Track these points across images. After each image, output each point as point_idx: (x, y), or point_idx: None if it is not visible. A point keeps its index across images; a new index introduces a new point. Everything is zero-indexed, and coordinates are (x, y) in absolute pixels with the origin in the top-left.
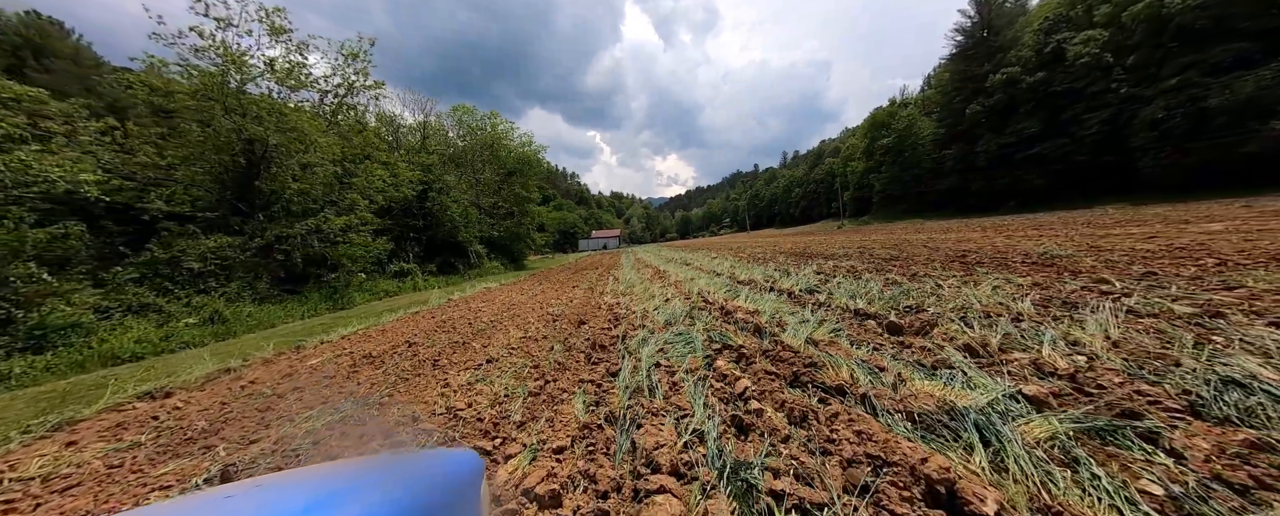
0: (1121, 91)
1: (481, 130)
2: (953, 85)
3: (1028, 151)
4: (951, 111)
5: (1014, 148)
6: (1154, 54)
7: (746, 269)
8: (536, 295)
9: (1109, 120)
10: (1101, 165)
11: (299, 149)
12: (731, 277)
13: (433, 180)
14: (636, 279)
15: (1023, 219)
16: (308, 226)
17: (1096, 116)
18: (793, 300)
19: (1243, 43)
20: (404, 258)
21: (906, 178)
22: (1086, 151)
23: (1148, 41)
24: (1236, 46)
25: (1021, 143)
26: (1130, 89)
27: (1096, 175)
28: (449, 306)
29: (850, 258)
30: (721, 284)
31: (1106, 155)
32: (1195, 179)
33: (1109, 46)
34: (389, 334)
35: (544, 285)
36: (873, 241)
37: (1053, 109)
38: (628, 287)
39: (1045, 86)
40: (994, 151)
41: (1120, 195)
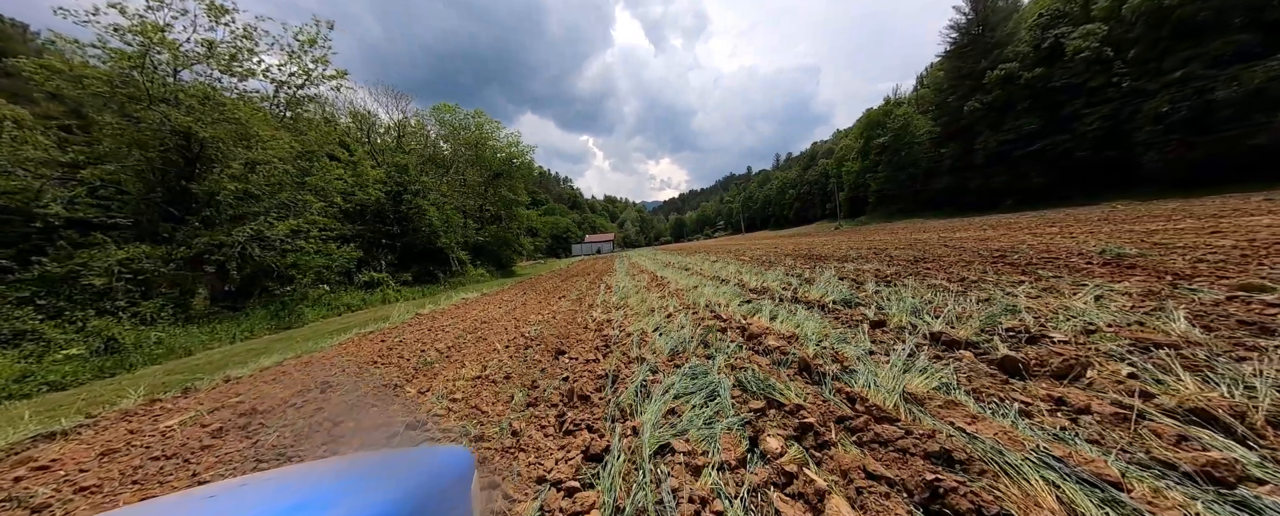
0: (1124, 85)
1: (465, 130)
2: (948, 83)
3: (1027, 148)
4: (947, 109)
5: (1012, 144)
6: (1155, 47)
7: (756, 274)
8: (515, 308)
9: (1111, 115)
10: (1103, 161)
11: (241, 144)
12: (741, 285)
13: (408, 181)
14: (631, 287)
15: (1029, 216)
16: (247, 232)
17: (1098, 111)
18: (832, 317)
19: (1244, 35)
20: (375, 266)
21: (902, 177)
22: (1088, 147)
23: (1148, 35)
24: (1237, 39)
25: (1020, 139)
26: (1133, 83)
27: (1097, 171)
28: (409, 325)
29: (866, 259)
30: (731, 293)
31: (1109, 150)
32: (1198, 173)
33: (1109, 40)
34: (314, 367)
35: (528, 296)
36: (880, 241)
37: (1052, 105)
38: (621, 299)
39: (1044, 82)
40: (992, 148)
41: (1122, 191)
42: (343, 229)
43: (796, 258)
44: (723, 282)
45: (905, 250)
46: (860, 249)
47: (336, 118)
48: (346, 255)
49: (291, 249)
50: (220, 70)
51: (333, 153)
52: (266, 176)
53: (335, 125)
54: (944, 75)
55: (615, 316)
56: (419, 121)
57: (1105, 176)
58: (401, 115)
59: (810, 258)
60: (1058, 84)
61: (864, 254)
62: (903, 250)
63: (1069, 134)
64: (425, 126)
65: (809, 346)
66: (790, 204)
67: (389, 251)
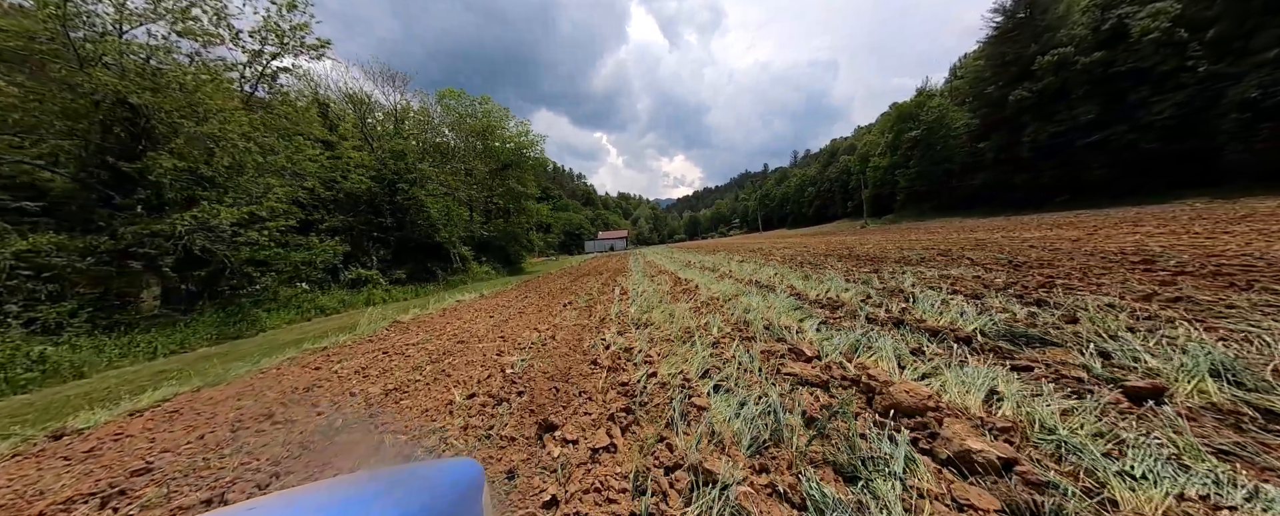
0: (1200, 70)
1: (471, 117)
2: (990, 70)
3: (1084, 140)
4: (987, 100)
5: (1065, 136)
6: (1241, 25)
7: (806, 279)
8: (509, 319)
9: (1185, 102)
10: (1174, 153)
11: (190, 117)
12: (797, 295)
13: (404, 169)
14: (652, 293)
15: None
16: (189, 221)
17: (1168, 99)
18: (1009, 366)
19: None
20: (365, 262)
21: (936, 173)
22: (1155, 138)
23: (1233, 10)
24: None
25: (1075, 130)
26: (1211, 66)
27: (1167, 164)
28: (371, 341)
29: (938, 262)
30: (788, 307)
31: (1182, 142)
32: None
33: (1182, 20)
34: (157, 430)
35: (530, 299)
36: (932, 242)
37: (1113, 92)
38: (642, 312)
39: (1104, 67)
40: (1042, 141)
41: (1198, 187)
42: (333, 220)
43: (842, 258)
44: (767, 290)
45: (978, 251)
46: (915, 250)
47: (329, 99)
48: (330, 249)
49: (245, 242)
50: (177, 33)
51: (312, 133)
52: (229, 155)
53: (320, 104)
54: (984, 63)
55: (637, 341)
56: (424, 107)
57: (1176, 170)
58: (401, 99)
59: (858, 259)
60: (1121, 68)
61: (929, 256)
62: (976, 251)
63: (1133, 124)
64: (430, 113)
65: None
66: (809, 202)
67: (381, 246)
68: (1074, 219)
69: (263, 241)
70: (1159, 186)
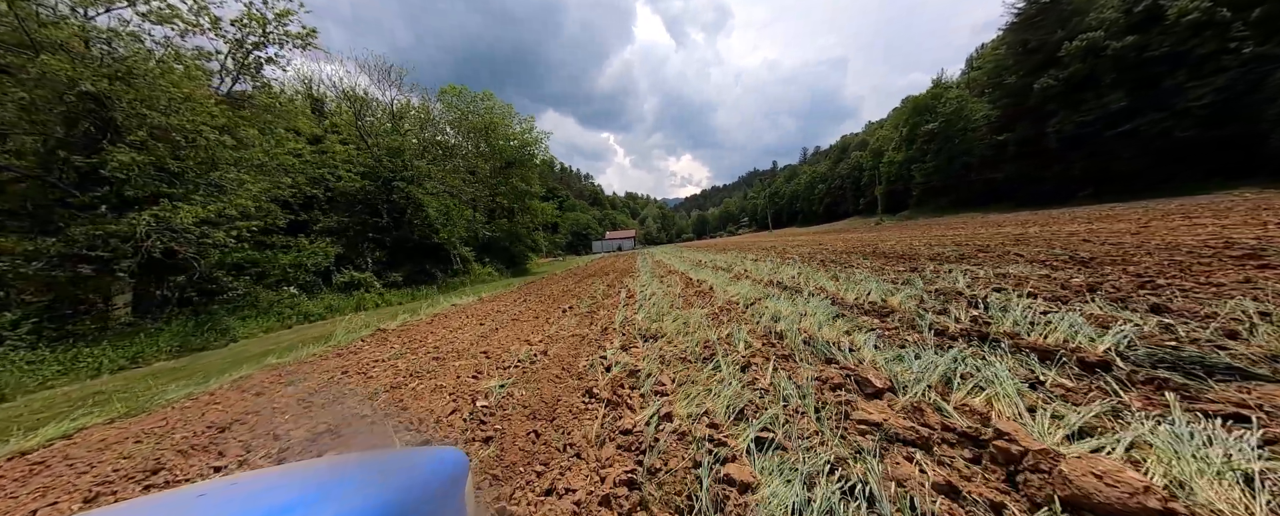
0: (1244, 52)
1: (474, 114)
2: (1012, 58)
3: (1114, 129)
4: (1007, 90)
5: (1094, 126)
6: None
7: (832, 280)
8: (499, 329)
9: (1226, 87)
10: (1214, 141)
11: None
12: (833, 299)
13: (400, 167)
14: (661, 295)
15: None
16: (148, 221)
17: (1208, 84)
18: (1195, 408)
19: None
20: (359, 265)
21: (954, 167)
22: (1192, 125)
23: None
24: None
25: (1105, 119)
26: (1257, 48)
27: (1207, 153)
28: (341, 354)
29: (978, 259)
30: (824, 313)
31: (1222, 128)
32: None
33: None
34: (43, 473)
35: (528, 303)
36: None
37: (1146, 78)
38: (652, 320)
39: (1137, 52)
40: (1068, 131)
41: (1239, 177)
42: (327, 221)
43: (868, 256)
44: (794, 292)
45: (1023, 247)
46: (947, 246)
47: (325, 96)
48: (320, 251)
49: (213, 244)
50: (149, 19)
51: (296, 126)
52: (201, 149)
53: (314, 100)
54: (1005, 51)
55: (645, 360)
56: (424, 104)
57: (1215, 158)
58: (399, 95)
59: (886, 256)
60: (1156, 53)
61: (967, 252)
62: (1021, 247)
63: (1169, 111)
64: (430, 110)
65: None
66: (820, 199)
67: (377, 247)
68: (1111, 212)
69: (230, 243)
70: (1195, 176)
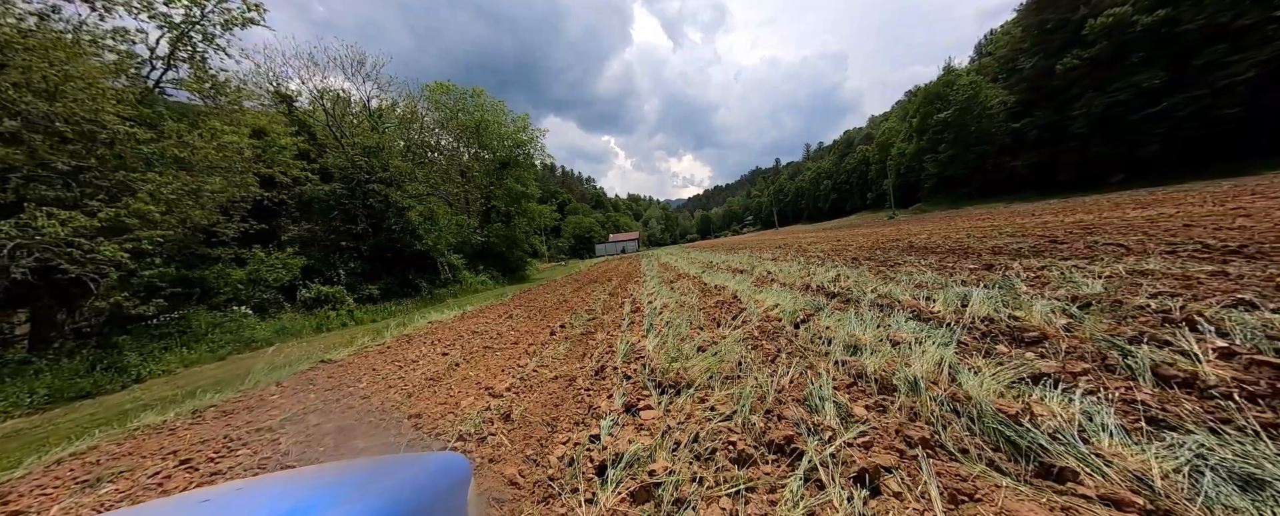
0: None
1: (463, 112)
2: (1029, 40)
3: (1146, 110)
4: (1022, 74)
5: (1123, 107)
6: None
7: (889, 282)
8: (468, 359)
9: (1270, 59)
10: (1260, 118)
11: (37, 90)
12: (910, 309)
13: (377, 167)
14: (674, 305)
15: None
16: (10, 232)
17: (1250, 57)
18: None
19: None
20: (330, 277)
21: (970, 156)
22: (1233, 103)
23: None
24: None
25: (1138, 99)
26: None
27: (1251, 132)
28: (246, 404)
29: (1074, 252)
30: (937, 343)
31: (1268, 106)
32: None
33: None
34: None
35: (513, 321)
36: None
37: (1181, 53)
38: (670, 350)
39: (1170, 26)
40: (1097, 112)
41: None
42: (297, 229)
43: (908, 252)
44: (849, 303)
45: (1093, 235)
46: (998, 238)
47: (296, 93)
48: (282, 263)
49: (104, 259)
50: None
51: (243, 119)
52: (102, 144)
53: (283, 98)
54: (1022, 32)
55: (666, 445)
56: (411, 102)
57: (1264, 137)
58: (376, 89)
59: (934, 252)
60: (1192, 25)
61: (1040, 245)
62: (1093, 236)
63: (1207, 88)
64: (418, 109)
65: None
66: (825, 195)
67: (352, 257)
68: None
69: (122, 257)
70: (1245, 155)
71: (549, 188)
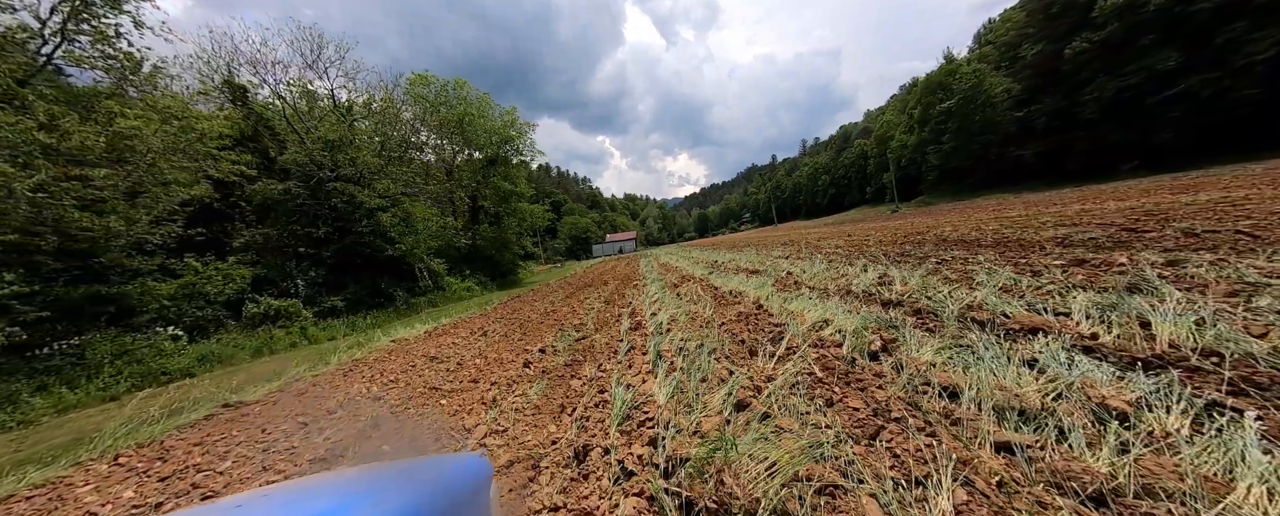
0: None
1: (444, 106)
2: (1035, 24)
3: (1161, 94)
4: (1029, 61)
5: (1135, 91)
6: None
7: (960, 287)
8: (396, 412)
9: None
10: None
11: None
12: (1071, 339)
13: (341, 163)
14: (685, 320)
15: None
16: None
17: (1270, 35)
18: None
19: None
20: (288, 288)
21: (974, 146)
22: (1251, 83)
23: None
24: None
25: (1151, 82)
26: None
27: (1268, 115)
28: None
29: (1158, 244)
30: None
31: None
32: None
33: None
34: None
35: (487, 340)
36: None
37: (1196, 32)
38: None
39: (1184, 4)
40: (1108, 98)
41: None
42: (251, 233)
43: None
44: (928, 318)
45: (1163, 225)
46: (1065, 229)
47: (255, 87)
48: (225, 274)
49: None
50: None
51: (151, 103)
52: None
53: (233, 89)
54: (1026, 17)
55: None
56: (388, 95)
57: None
58: (346, 81)
59: (984, 247)
60: (1205, 4)
61: (1114, 237)
62: (1159, 223)
63: (1225, 70)
64: (393, 97)
65: None
66: (824, 190)
67: (313, 264)
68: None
69: None
70: (1261, 140)
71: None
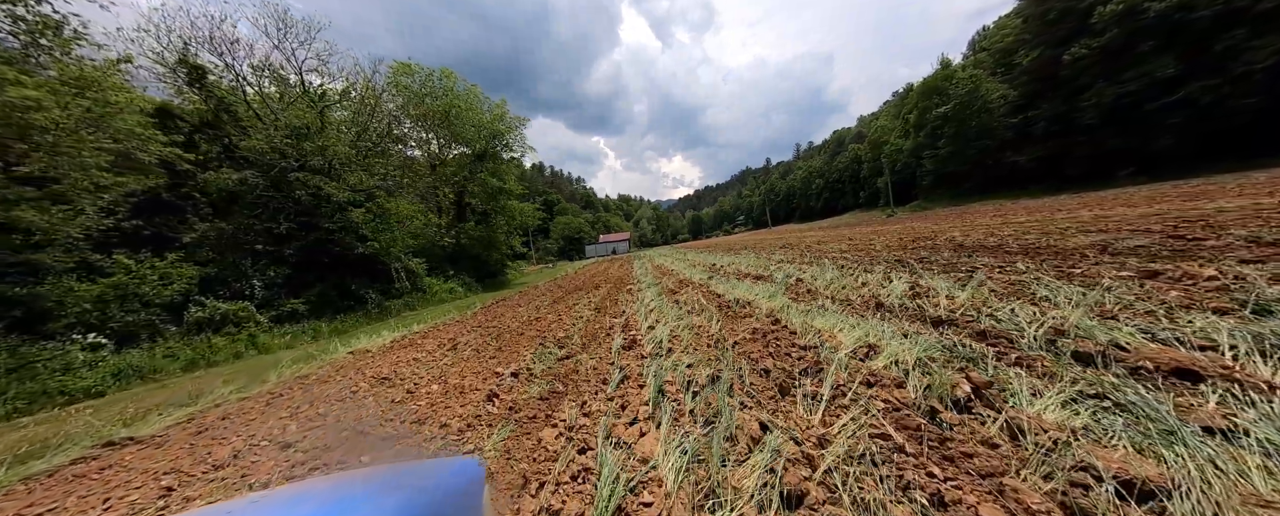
0: None
1: (430, 97)
2: (1032, 30)
3: (1159, 100)
4: (1026, 67)
5: (1135, 97)
6: None
7: (1018, 301)
8: (298, 461)
9: None
10: (1276, 108)
11: None
12: None
13: (311, 152)
14: (688, 337)
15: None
16: None
17: (1270, 43)
18: None
19: None
20: (242, 289)
21: (970, 151)
22: (1250, 91)
23: None
24: None
25: (1151, 88)
26: None
27: (1266, 124)
28: None
29: (1229, 256)
30: None
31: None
32: None
33: None
34: None
35: (457, 353)
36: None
37: (1195, 39)
38: (716, 481)
39: (1183, 12)
40: (1107, 104)
41: None
42: (202, 228)
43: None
44: (980, 337)
45: (1205, 229)
46: (1078, 238)
47: (215, 69)
48: (163, 273)
49: None
50: None
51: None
52: None
53: (190, 67)
54: (1023, 23)
55: None
56: (369, 83)
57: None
58: (318, 64)
59: (1011, 253)
60: (1206, 10)
61: (1165, 244)
62: (1208, 230)
63: (1225, 77)
64: (375, 89)
65: None
66: (818, 194)
67: (273, 263)
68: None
69: None
70: (1259, 149)
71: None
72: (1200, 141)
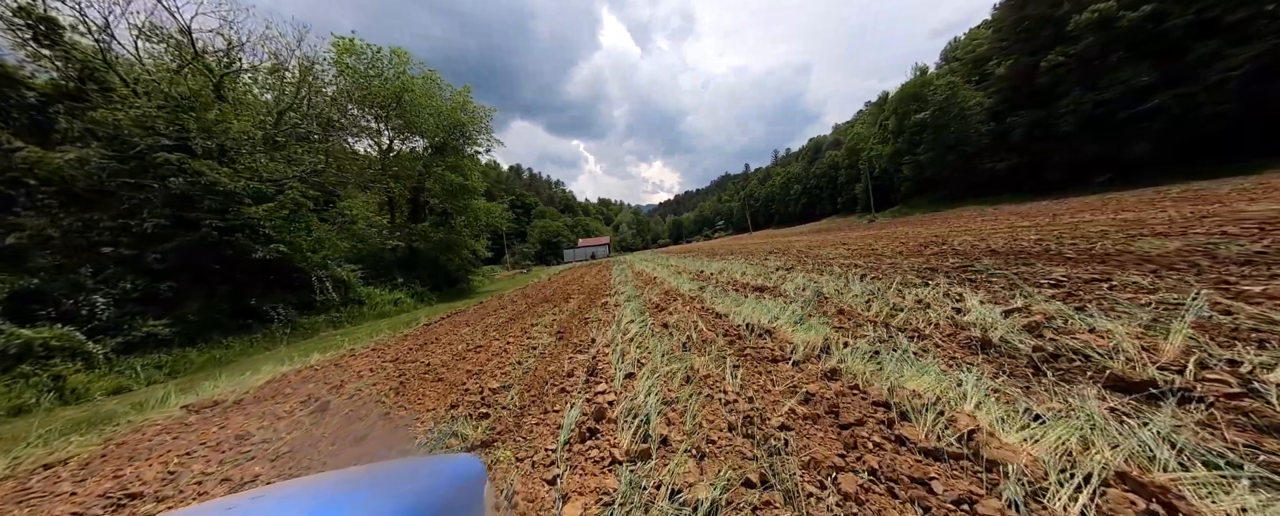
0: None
1: (378, 79)
2: (1009, 37)
3: (1134, 108)
4: (1003, 75)
5: (1110, 104)
6: None
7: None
8: None
9: (1272, 51)
10: (1258, 117)
11: None
12: None
13: (190, 129)
14: (683, 393)
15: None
16: None
17: (1240, 53)
18: None
19: None
20: (70, 310)
21: (950, 157)
22: (1224, 99)
23: None
24: None
25: (1127, 96)
26: None
27: (1248, 131)
28: None
29: None
30: None
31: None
32: None
33: None
34: None
35: (303, 431)
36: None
37: (1168, 50)
38: None
39: (1156, 22)
40: (1085, 111)
41: None
42: (36, 226)
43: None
44: None
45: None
46: (1077, 242)
47: (80, 25)
48: None
49: None
50: None
51: None
52: None
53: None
54: (994, 34)
55: None
56: (302, 63)
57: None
58: (224, 26)
59: (1041, 258)
60: (1180, 20)
61: (1188, 255)
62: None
63: (1199, 86)
64: (309, 63)
65: None
66: (796, 199)
67: (130, 271)
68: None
69: None
70: (1232, 154)
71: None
72: (1177, 148)
